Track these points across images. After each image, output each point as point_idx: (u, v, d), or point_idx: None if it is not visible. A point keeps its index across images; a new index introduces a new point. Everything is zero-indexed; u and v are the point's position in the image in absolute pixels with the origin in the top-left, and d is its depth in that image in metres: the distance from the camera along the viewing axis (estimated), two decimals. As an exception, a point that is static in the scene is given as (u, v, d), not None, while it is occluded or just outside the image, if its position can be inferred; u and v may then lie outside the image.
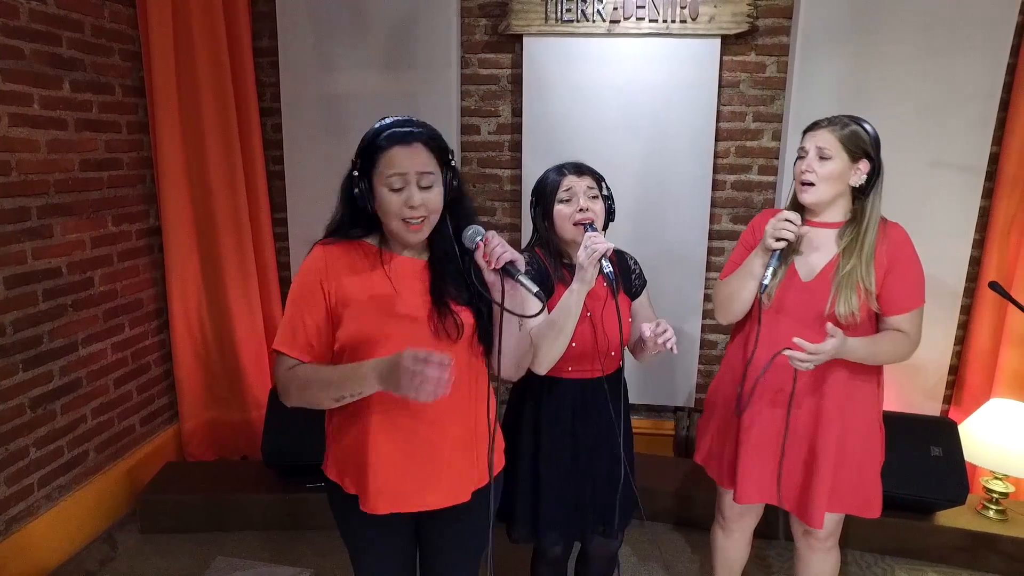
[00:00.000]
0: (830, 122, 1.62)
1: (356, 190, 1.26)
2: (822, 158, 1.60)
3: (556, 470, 1.71)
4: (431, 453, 1.33)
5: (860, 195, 1.63)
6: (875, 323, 1.67)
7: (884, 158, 2.47)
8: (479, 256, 1.26)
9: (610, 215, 1.66)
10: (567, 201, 1.60)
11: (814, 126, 1.64)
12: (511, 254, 1.23)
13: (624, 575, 2.41)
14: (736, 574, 2.03)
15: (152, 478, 2.67)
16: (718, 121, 2.67)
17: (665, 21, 2.55)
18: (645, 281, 1.76)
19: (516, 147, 2.82)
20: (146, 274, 2.75)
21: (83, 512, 2.45)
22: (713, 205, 2.76)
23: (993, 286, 1.84)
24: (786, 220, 1.57)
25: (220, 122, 2.70)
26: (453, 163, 1.32)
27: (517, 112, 2.78)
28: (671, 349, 1.50)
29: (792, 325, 1.64)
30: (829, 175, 1.59)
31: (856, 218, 1.63)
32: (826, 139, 1.60)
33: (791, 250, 1.65)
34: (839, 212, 1.66)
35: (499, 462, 1.49)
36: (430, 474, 1.33)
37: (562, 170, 1.63)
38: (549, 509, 1.71)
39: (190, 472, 2.75)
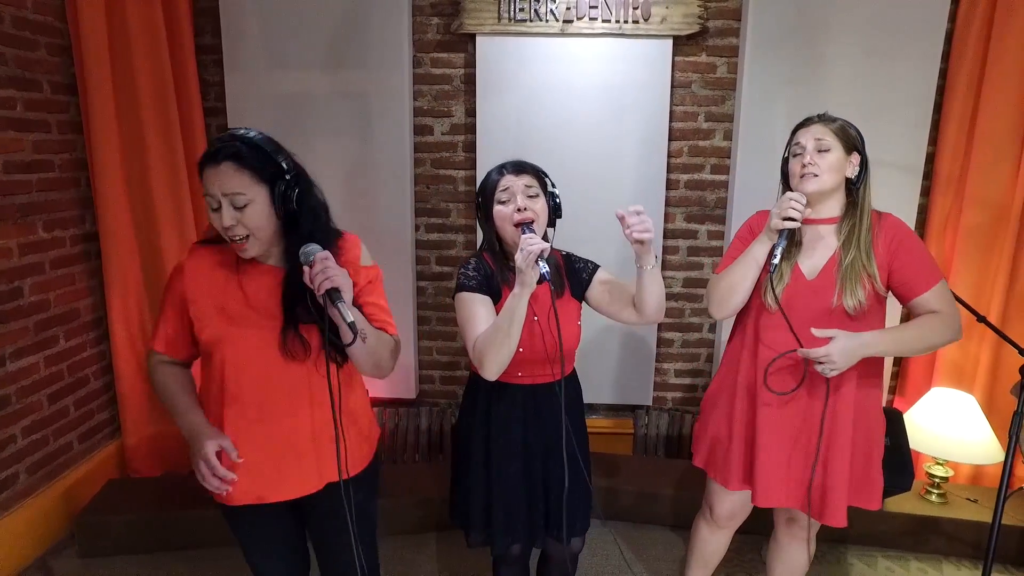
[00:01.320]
0: (820, 117, 1.64)
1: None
2: (821, 150, 1.61)
3: (508, 476, 1.69)
4: (277, 448, 1.39)
5: (852, 189, 1.66)
6: (882, 314, 1.68)
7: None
8: (307, 279, 1.25)
9: (556, 212, 1.64)
10: (505, 202, 1.58)
11: (806, 122, 1.66)
12: (331, 282, 1.22)
13: (587, 574, 2.41)
14: (712, 566, 2.05)
15: (92, 498, 2.53)
16: (671, 121, 2.70)
17: (618, 21, 2.57)
18: (596, 266, 1.72)
19: (470, 147, 2.78)
20: (82, 283, 2.61)
21: (13, 539, 2.30)
22: (667, 204, 2.79)
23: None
24: (792, 199, 1.57)
25: (161, 122, 2.58)
26: (288, 175, 1.29)
27: (471, 112, 2.75)
28: (640, 240, 1.46)
29: (802, 324, 1.63)
30: (831, 165, 1.60)
31: (850, 211, 1.65)
32: (822, 131, 1.61)
33: (794, 240, 1.66)
34: (835, 207, 1.67)
35: (368, 452, 1.55)
36: (274, 467, 1.39)
37: (502, 170, 1.61)
38: (501, 515, 1.70)
39: (134, 489, 2.61)
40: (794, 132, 1.68)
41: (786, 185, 1.70)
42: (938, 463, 2.64)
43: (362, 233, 1.51)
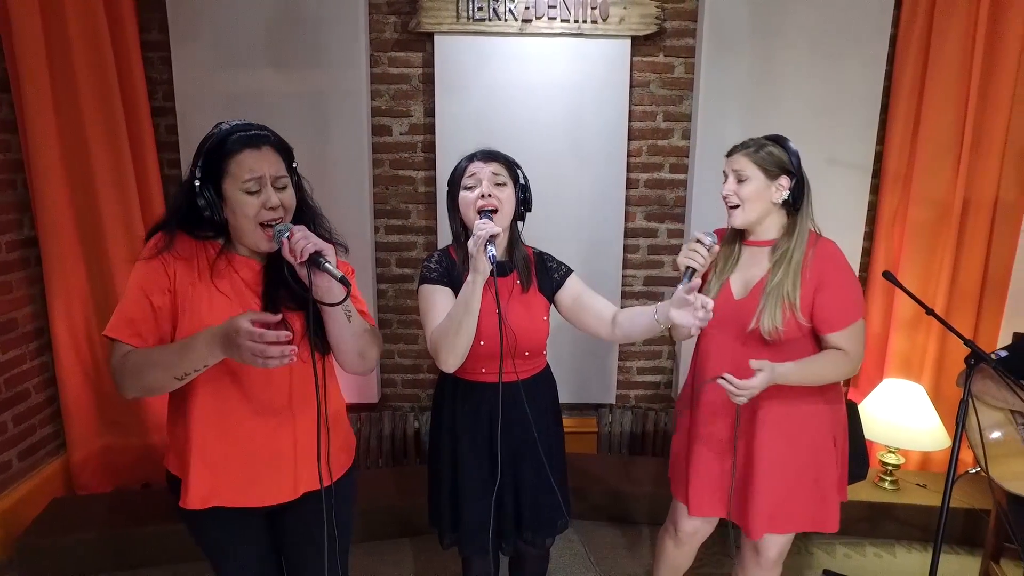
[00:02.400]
0: (744, 146, 1.65)
1: (202, 200, 1.25)
2: (740, 180, 1.63)
3: (475, 478, 1.66)
4: (255, 451, 1.34)
5: (792, 211, 1.66)
6: (814, 342, 1.67)
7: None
8: (286, 253, 1.24)
9: (525, 204, 1.62)
10: (471, 188, 1.55)
11: (731, 151, 1.67)
12: (315, 245, 1.22)
13: (555, 574, 2.41)
14: (680, 573, 2.06)
15: (35, 518, 2.40)
16: (630, 120, 2.72)
17: (576, 21, 2.57)
18: (569, 270, 1.71)
19: (429, 148, 2.75)
20: (21, 291, 2.47)
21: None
22: (627, 203, 2.81)
23: (887, 275, 1.97)
24: (695, 248, 1.51)
25: (105, 121, 2.46)
26: (296, 165, 1.34)
27: (430, 112, 2.72)
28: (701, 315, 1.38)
29: (727, 341, 1.67)
30: (749, 195, 1.62)
31: (787, 233, 1.65)
32: (741, 162, 1.63)
33: (707, 274, 1.70)
34: (773, 230, 1.67)
35: (346, 461, 1.51)
36: (253, 472, 1.35)
37: (472, 156, 1.59)
38: (470, 517, 1.67)
39: (82, 507, 2.49)
40: (725, 159, 1.70)
41: None
42: (890, 451, 2.73)
43: (319, 235, 1.47)
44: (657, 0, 2.59)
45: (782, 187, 1.63)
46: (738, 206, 1.64)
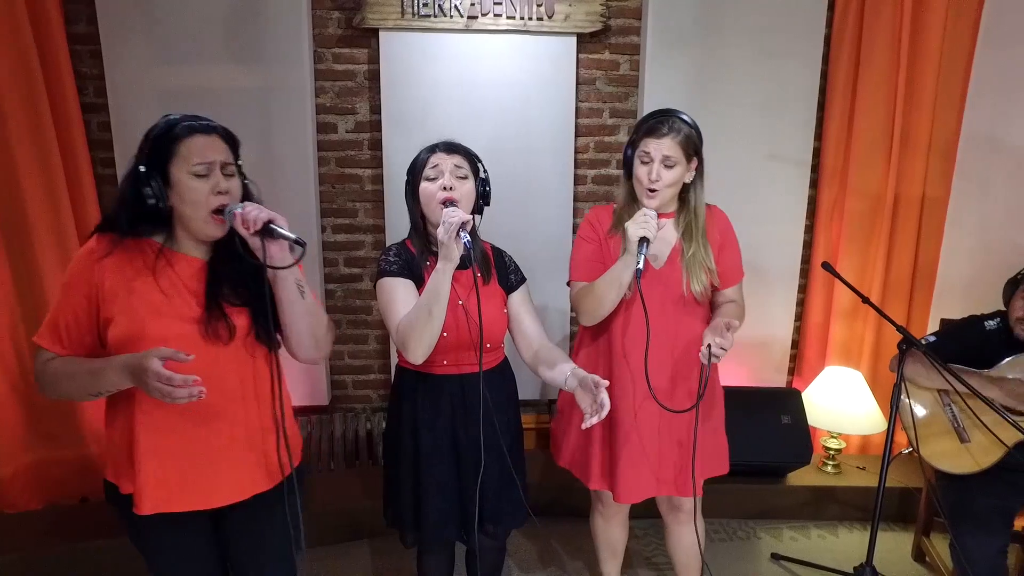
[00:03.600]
0: (671, 128, 1.64)
1: (148, 188, 1.23)
2: (667, 167, 1.66)
3: (438, 471, 1.66)
4: (203, 452, 1.32)
5: (687, 186, 1.74)
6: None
7: (727, 152, 2.69)
8: (238, 225, 1.25)
9: (484, 199, 1.63)
10: (433, 179, 1.56)
11: (656, 132, 1.65)
12: (268, 214, 1.24)
13: (511, 566, 2.41)
14: (619, 553, 2.11)
15: (-41, 539, 2.27)
16: (577, 117, 2.74)
17: (522, 18, 2.57)
18: (524, 278, 1.74)
19: (376, 145, 2.71)
20: (-60, 298, 2.33)
21: None
22: (576, 200, 2.83)
23: (825, 266, 2.04)
24: (646, 218, 1.60)
25: (29, 118, 2.33)
26: (240, 163, 1.34)
27: (376, 109, 2.68)
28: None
29: (659, 312, 1.71)
30: (672, 180, 1.67)
31: (685, 206, 1.76)
32: (671, 149, 1.64)
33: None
34: (671, 202, 1.76)
35: (296, 457, 1.47)
36: (202, 473, 1.32)
37: (434, 147, 1.60)
38: (433, 512, 1.66)
39: (9, 526, 2.36)
40: (643, 132, 1.68)
41: (627, 173, 1.75)
42: (832, 436, 2.84)
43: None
44: (602, -2, 2.62)
45: (692, 168, 1.72)
46: (657, 192, 1.67)
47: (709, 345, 1.61)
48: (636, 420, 1.77)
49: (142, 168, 1.23)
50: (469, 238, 1.42)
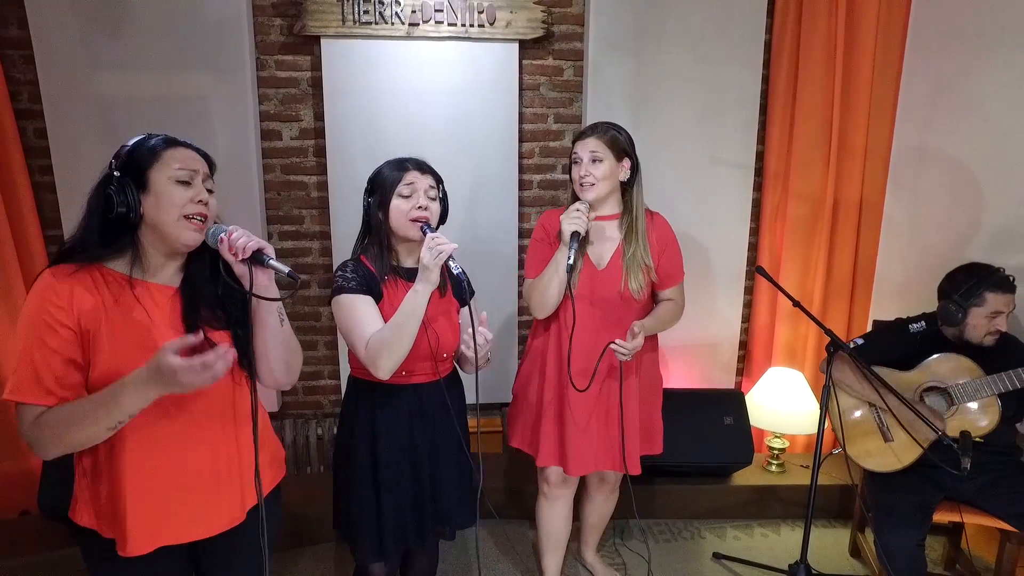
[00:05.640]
0: (594, 129, 1.89)
1: (122, 197, 1.17)
2: (595, 161, 1.85)
3: (397, 480, 1.68)
4: (191, 483, 1.27)
5: (627, 190, 1.93)
6: (651, 299, 2.03)
7: (672, 156, 2.75)
8: (224, 251, 1.23)
9: (443, 216, 1.70)
10: (407, 197, 1.61)
11: (582, 135, 1.90)
12: (257, 243, 1.23)
13: (453, 572, 2.42)
14: (561, 546, 2.20)
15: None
16: (521, 123, 2.76)
17: (464, 25, 2.58)
18: (473, 292, 1.77)
19: (321, 152, 2.71)
20: None
21: None
22: (521, 204, 2.84)
23: (759, 270, 2.09)
24: (577, 212, 1.82)
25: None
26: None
27: (320, 116, 2.67)
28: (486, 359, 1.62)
29: (595, 308, 1.91)
30: (604, 174, 1.87)
31: (627, 209, 1.93)
32: (595, 144, 1.87)
33: (585, 238, 1.87)
34: (614, 206, 1.95)
35: (275, 478, 1.47)
36: (193, 505, 1.28)
37: (405, 164, 1.64)
38: (392, 524, 1.68)
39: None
40: (574, 143, 1.90)
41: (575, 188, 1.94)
42: (776, 436, 2.88)
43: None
44: (544, 4, 2.64)
45: (625, 168, 1.90)
46: (593, 184, 1.85)
47: (613, 343, 1.85)
48: (583, 402, 1.95)
49: (117, 173, 1.18)
50: (461, 268, 1.52)
